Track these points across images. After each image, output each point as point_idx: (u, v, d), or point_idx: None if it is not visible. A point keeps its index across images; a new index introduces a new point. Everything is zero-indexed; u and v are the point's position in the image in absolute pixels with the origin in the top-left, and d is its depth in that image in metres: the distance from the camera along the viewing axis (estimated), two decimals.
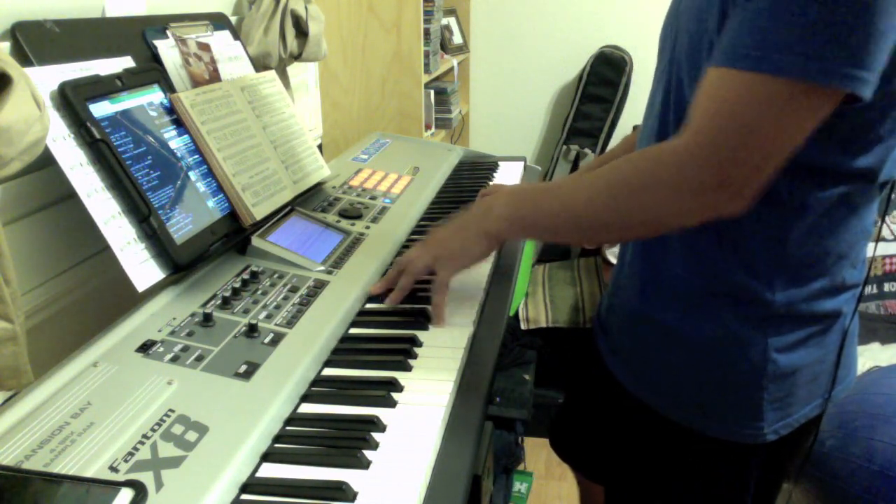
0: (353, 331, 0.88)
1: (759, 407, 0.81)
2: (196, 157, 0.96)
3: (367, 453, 0.64)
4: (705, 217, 0.71)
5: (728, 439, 0.83)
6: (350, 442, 0.66)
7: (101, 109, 0.83)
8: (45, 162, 0.76)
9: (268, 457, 0.65)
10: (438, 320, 0.88)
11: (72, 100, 0.79)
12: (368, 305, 0.94)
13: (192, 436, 0.63)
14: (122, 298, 0.83)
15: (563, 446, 1.21)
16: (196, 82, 1.06)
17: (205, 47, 1.07)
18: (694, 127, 0.69)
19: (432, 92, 2.57)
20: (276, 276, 0.94)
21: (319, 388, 0.75)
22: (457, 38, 2.93)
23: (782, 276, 0.78)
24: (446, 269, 0.90)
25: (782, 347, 0.80)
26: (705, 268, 0.80)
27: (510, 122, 3.16)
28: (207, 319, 0.80)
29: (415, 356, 0.81)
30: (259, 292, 0.89)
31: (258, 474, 0.63)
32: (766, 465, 0.86)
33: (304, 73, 1.57)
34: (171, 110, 0.95)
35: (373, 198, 1.27)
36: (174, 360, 0.73)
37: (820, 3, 0.60)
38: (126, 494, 0.54)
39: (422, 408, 0.72)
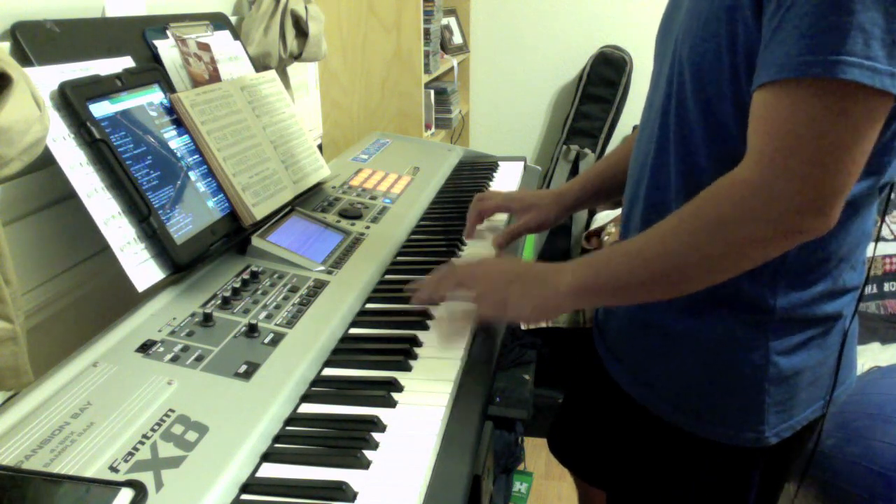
0: (353, 331, 0.88)
1: (761, 410, 0.81)
2: (196, 157, 0.96)
3: (367, 453, 0.64)
4: (792, 243, 0.69)
5: (730, 443, 0.83)
6: (350, 442, 0.66)
7: (101, 109, 0.83)
8: (45, 162, 0.76)
9: (268, 457, 0.65)
10: (445, 342, 0.84)
11: (72, 100, 0.79)
12: (368, 305, 0.94)
13: (192, 436, 0.63)
14: (122, 298, 0.83)
15: (562, 450, 1.20)
16: (196, 82, 1.06)
17: (205, 47, 1.07)
18: (765, 153, 0.66)
19: (432, 92, 2.57)
20: (276, 276, 0.94)
21: (319, 388, 0.75)
22: (457, 38, 2.93)
23: (784, 281, 0.77)
24: (487, 311, 0.84)
25: (783, 350, 0.80)
26: None
27: (510, 122, 3.16)
28: (207, 319, 0.80)
29: (415, 356, 0.81)
30: (259, 292, 0.89)
31: (258, 474, 0.63)
32: (769, 468, 0.86)
33: (304, 73, 1.57)
34: (171, 110, 0.95)
35: (373, 198, 1.27)
36: (174, 360, 0.73)
37: (864, 4, 0.60)
38: (126, 494, 0.54)
39: (422, 408, 0.72)
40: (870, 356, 1.93)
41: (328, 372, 0.79)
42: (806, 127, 0.64)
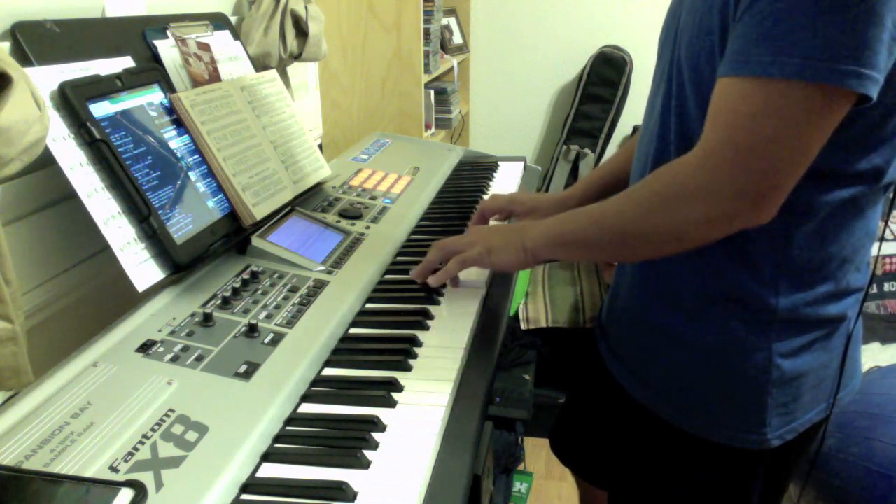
0: (353, 331, 0.88)
1: (764, 413, 0.81)
2: (196, 157, 0.96)
3: (367, 453, 0.64)
4: (730, 228, 0.71)
5: (731, 444, 0.83)
6: (350, 442, 0.66)
7: (101, 109, 0.83)
8: (45, 162, 0.76)
9: (268, 457, 0.65)
10: (436, 281, 0.95)
11: (72, 100, 0.79)
12: (368, 305, 0.94)
13: (192, 436, 0.63)
14: (122, 298, 0.82)
15: (563, 450, 1.20)
16: (196, 82, 1.06)
17: (205, 47, 1.07)
18: (709, 139, 0.69)
19: (432, 92, 2.57)
20: (276, 276, 0.94)
21: (319, 388, 0.75)
22: (457, 38, 2.93)
23: (787, 281, 0.77)
24: (475, 260, 0.92)
25: (787, 353, 0.79)
26: (709, 272, 0.80)
27: (510, 122, 3.16)
28: (207, 319, 0.80)
29: (415, 356, 0.81)
30: (259, 292, 0.89)
31: (258, 474, 0.62)
32: (771, 470, 0.86)
33: (304, 73, 1.57)
34: (171, 110, 0.95)
35: (373, 198, 1.27)
36: (174, 360, 0.73)
37: (826, 4, 0.60)
38: (126, 494, 0.54)
39: (422, 408, 0.72)
40: (870, 356, 1.94)
41: (328, 372, 0.79)
42: (749, 119, 0.66)
